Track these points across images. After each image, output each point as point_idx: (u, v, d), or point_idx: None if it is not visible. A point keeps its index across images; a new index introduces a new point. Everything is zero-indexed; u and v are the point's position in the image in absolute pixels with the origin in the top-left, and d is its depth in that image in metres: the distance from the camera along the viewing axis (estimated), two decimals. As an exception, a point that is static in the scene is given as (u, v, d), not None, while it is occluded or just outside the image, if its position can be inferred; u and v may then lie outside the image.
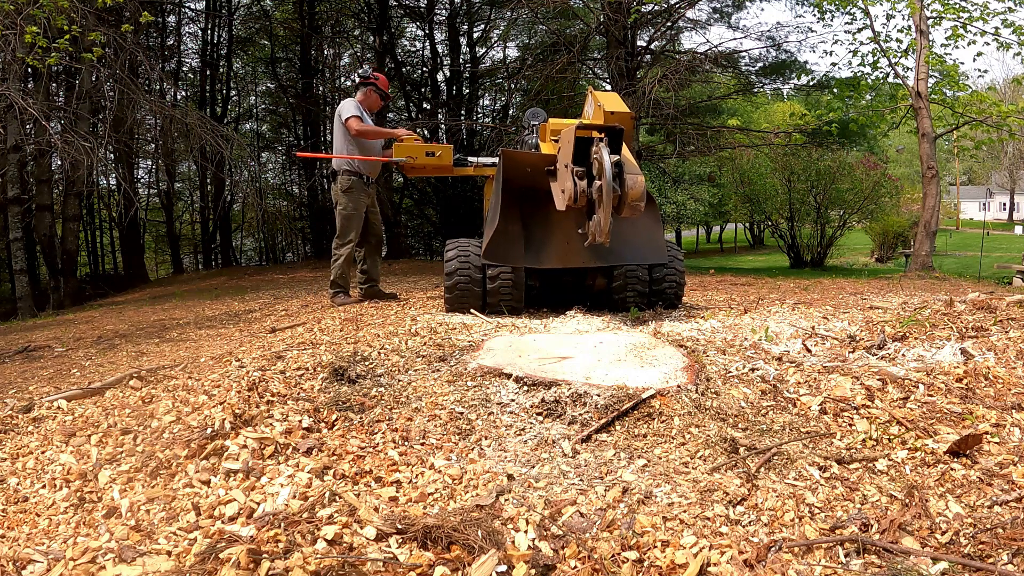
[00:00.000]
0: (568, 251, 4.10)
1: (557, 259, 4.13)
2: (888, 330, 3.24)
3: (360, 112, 5.50)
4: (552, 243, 4.14)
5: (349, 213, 5.44)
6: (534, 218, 4.14)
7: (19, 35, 7.11)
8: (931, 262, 10.68)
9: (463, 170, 5.44)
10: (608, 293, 4.46)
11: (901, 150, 35.99)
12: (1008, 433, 2.19)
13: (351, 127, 5.35)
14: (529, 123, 5.11)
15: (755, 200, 18.71)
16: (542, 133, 4.70)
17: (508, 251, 4.05)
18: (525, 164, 4.05)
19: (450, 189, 15.82)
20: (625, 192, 3.33)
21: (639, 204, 3.37)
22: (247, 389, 2.50)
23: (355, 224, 5.47)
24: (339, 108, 5.54)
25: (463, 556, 1.57)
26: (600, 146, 3.30)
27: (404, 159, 5.18)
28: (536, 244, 4.13)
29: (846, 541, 1.64)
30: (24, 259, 11.63)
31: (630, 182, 3.35)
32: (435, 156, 5.18)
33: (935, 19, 11.09)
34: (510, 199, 4.02)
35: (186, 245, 22.12)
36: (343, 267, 5.55)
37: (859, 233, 21.43)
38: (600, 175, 3.29)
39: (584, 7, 12.68)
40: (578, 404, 2.38)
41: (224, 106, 19.51)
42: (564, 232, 4.09)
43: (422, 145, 5.35)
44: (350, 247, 5.51)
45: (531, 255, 4.12)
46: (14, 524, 1.87)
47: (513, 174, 4.03)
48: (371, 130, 5.52)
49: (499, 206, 3.91)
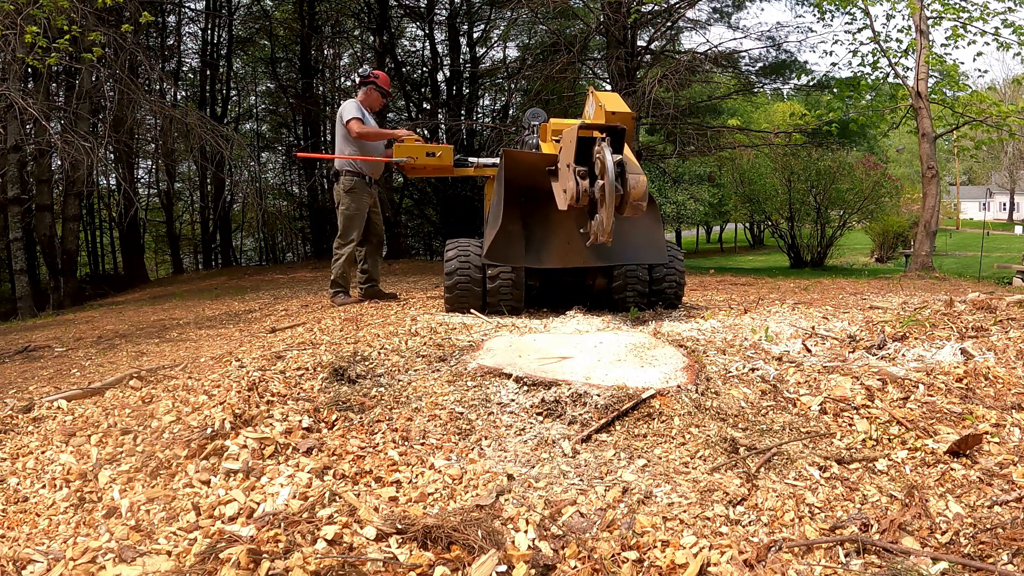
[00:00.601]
0: (569, 251, 4.11)
1: (558, 259, 4.13)
2: (888, 330, 3.24)
3: (361, 113, 5.52)
4: (553, 243, 4.14)
5: (352, 213, 5.47)
6: (535, 218, 4.14)
7: (19, 35, 7.12)
8: (931, 262, 10.69)
9: (463, 171, 5.45)
10: (608, 293, 4.48)
11: (901, 150, 36.01)
12: (1008, 433, 2.19)
13: (352, 130, 5.38)
14: (529, 123, 5.12)
15: (755, 200, 18.70)
16: (543, 133, 4.71)
17: (509, 251, 4.05)
18: (526, 164, 4.07)
19: (450, 189, 15.81)
20: (627, 192, 3.36)
21: (641, 204, 3.40)
22: (247, 389, 2.50)
23: (357, 224, 5.50)
24: (340, 110, 5.56)
25: (463, 556, 1.57)
26: (602, 146, 3.32)
27: (404, 159, 5.19)
28: (537, 244, 4.13)
29: (846, 541, 1.64)
30: (24, 259, 11.63)
31: (632, 181, 3.38)
32: (435, 156, 5.19)
33: (935, 19, 11.09)
34: (511, 199, 4.02)
35: (186, 245, 22.13)
36: (344, 267, 5.57)
37: (859, 233, 21.43)
38: (602, 174, 3.31)
39: (584, 7, 12.68)
40: (578, 404, 2.38)
41: (224, 106, 19.51)
42: (565, 232, 4.09)
43: (422, 146, 5.35)
44: (352, 247, 5.53)
45: (532, 255, 4.12)
46: (14, 524, 1.87)
47: (514, 174, 4.04)
48: (372, 132, 5.55)
49: (501, 206, 3.90)
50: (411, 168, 5.32)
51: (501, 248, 4.00)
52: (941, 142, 12.89)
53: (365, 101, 5.63)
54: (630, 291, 4.38)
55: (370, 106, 5.66)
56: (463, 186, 15.16)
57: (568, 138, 3.64)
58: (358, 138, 5.40)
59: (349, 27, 17.85)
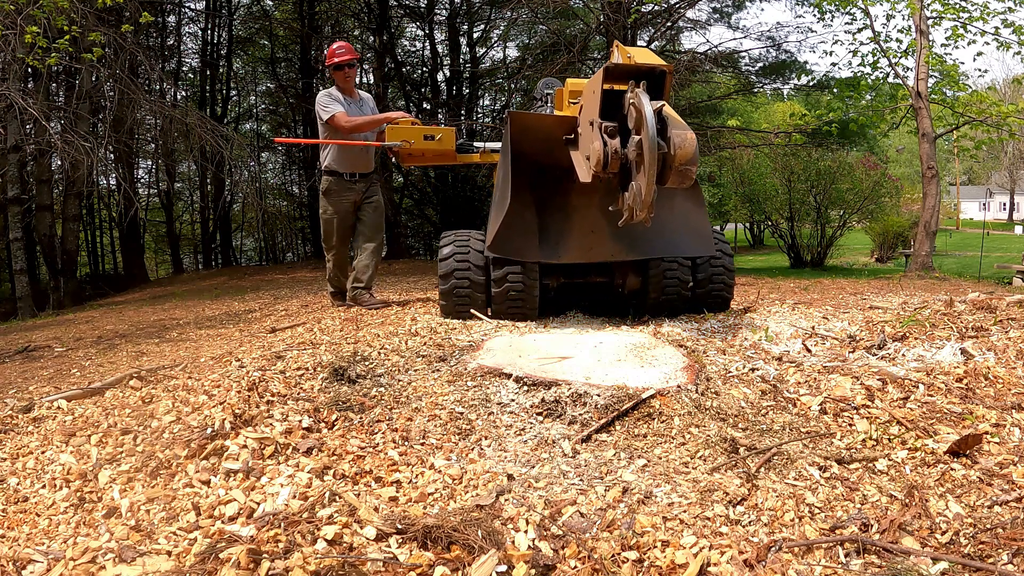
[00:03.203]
0: (594, 242, 3.39)
1: (580, 252, 3.41)
2: (888, 330, 3.24)
3: (342, 102, 4.93)
4: (574, 232, 3.40)
5: (328, 217, 5.09)
6: (551, 201, 3.38)
7: (19, 35, 7.12)
8: (931, 262, 10.70)
9: (468, 157, 4.81)
10: (642, 295, 3.70)
11: (901, 150, 35.99)
12: (1008, 433, 2.19)
13: (340, 125, 4.84)
14: (543, 93, 4.45)
15: (755, 200, 18.70)
16: (558, 101, 3.94)
17: (519, 242, 3.33)
18: (539, 131, 3.21)
19: (450, 189, 15.81)
20: (672, 151, 2.59)
21: (690, 168, 2.62)
22: (247, 389, 2.50)
23: (336, 228, 5.10)
24: (317, 102, 5.00)
25: (463, 556, 1.57)
26: (637, 92, 2.56)
27: (398, 144, 4.50)
28: (554, 234, 3.39)
29: (846, 541, 1.64)
30: (24, 259, 11.64)
31: (678, 139, 2.59)
32: (435, 140, 4.51)
33: (935, 19, 11.10)
34: (521, 176, 3.19)
35: (186, 245, 22.13)
36: (335, 274, 5.27)
37: (859, 233, 21.42)
38: (638, 128, 2.55)
39: (584, 7, 12.68)
40: (578, 404, 2.38)
41: (224, 106, 19.53)
42: (588, 218, 3.37)
43: (419, 128, 4.65)
44: (335, 254, 5.17)
45: (548, 248, 3.38)
46: (14, 524, 1.87)
47: (524, 144, 3.17)
48: (363, 122, 4.94)
49: (508, 184, 3.10)
50: (407, 155, 4.63)
51: (509, 238, 3.27)
52: (941, 142, 12.89)
53: (341, 86, 5.05)
54: (670, 292, 3.62)
55: (346, 89, 5.08)
56: (463, 186, 15.15)
57: (591, 88, 2.85)
58: (351, 131, 4.88)
59: (349, 27, 17.84)
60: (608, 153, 2.67)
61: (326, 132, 4.96)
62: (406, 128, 4.59)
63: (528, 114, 3.57)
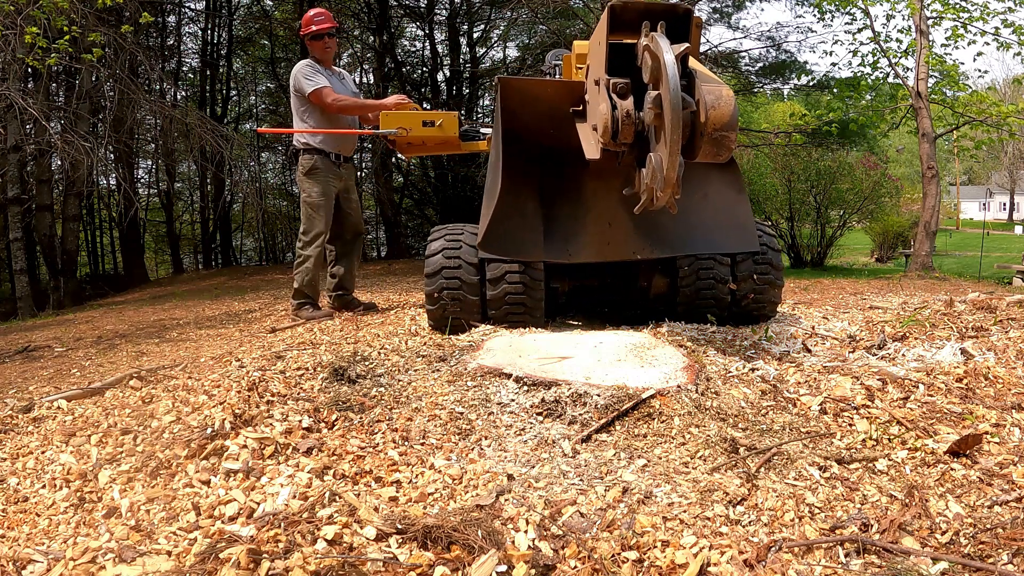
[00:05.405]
0: (611, 237, 2.84)
1: (594, 250, 2.88)
2: (888, 330, 3.24)
3: (325, 75, 4.29)
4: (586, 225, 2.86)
5: (315, 201, 4.36)
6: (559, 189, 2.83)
7: (19, 35, 7.12)
8: (931, 262, 10.71)
9: (473, 145, 4.38)
10: (671, 299, 3.13)
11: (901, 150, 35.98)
12: (1008, 433, 2.19)
13: (326, 102, 4.22)
14: (551, 64, 3.93)
15: (755, 200, 18.67)
16: (566, 69, 3.31)
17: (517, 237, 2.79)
18: (537, 99, 2.58)
19: (450, 189, 15.80)
20: (703, 113, 1.94)
21: (726, 136, 1.95)
22: (247, 389, 2.50)
23: (323, 215, 4.42)
24: (293, 74, 4.35)
25: (463, 556, 1.57)
26: (654, 35, 1.91)
27: (394, 131, 4.03)
28: (561, 228, 2.84)
29: (846, 541, 1.64)
30: (24, 259, 11.65)
31: (711, 97, 1.93)
32: (435, 127, 4.09)
33: (935, 19, 11.11)
34: (516, 157, 2.61)
35: (186, 245, 22.13)
36: (312, 272, 4.46)
37: (859, 233, 21.43)
38: (656, 82, 1.92)
39: (584, 7, 12.68)
40: (578, 404, 2.38)
41: (224, 106, 19.54)
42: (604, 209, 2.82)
43: (418, 113, 4.19)
44: (319, 246, 4.46)
45: (554, 244, 2.84)
46: (14, 524, 1.87)
47: (521, 118, 2.56)
48: (352, 104, 4.37)
49: (500, 167, 2.47)
50: (404, 143, 4.14)
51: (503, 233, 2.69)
52: (941, 142, 12.90)
53: (319, 58, 4.41)
54: (705, 296, 3.06)
55: (324, 61, 4.42)
56: (464, 186, 15.13)
57: (596, 39, 2.25)
58: (338, 112, 4.30)
59: (349, 27, 17.85)
60: (618, 117, 2.06)
61: (303, 107, 4.33)
62: (402, 114, 4.11)
63: (523, 79, 3.00)
